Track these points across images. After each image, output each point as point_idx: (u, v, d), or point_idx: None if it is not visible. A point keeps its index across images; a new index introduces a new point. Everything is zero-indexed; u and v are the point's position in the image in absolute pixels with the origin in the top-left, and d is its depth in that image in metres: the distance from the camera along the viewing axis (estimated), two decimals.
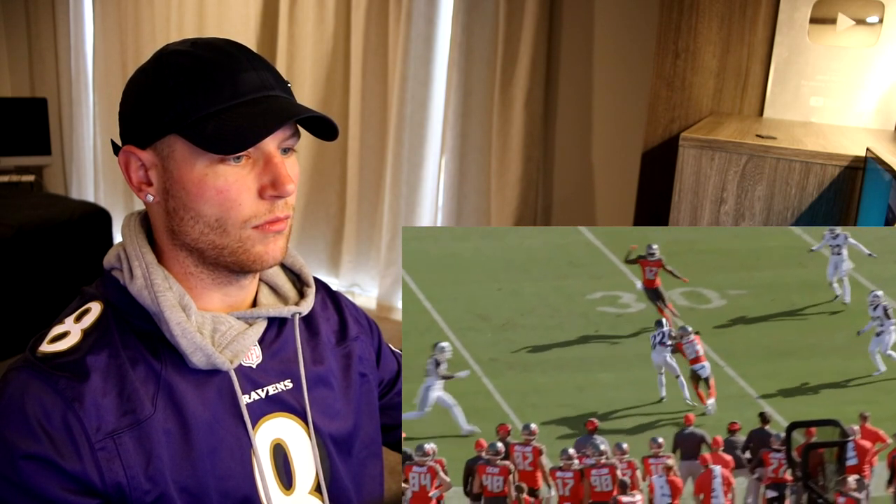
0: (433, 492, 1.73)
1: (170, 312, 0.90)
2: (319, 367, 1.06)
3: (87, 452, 0.84)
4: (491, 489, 1.80)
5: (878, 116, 2.48)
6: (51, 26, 5.18)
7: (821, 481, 1.56)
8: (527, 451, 1.84)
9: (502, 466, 1.79)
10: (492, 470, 1.80)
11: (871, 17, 2.44)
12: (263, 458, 0.96)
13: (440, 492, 1.74)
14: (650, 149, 2.76)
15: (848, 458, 1.60)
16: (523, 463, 1.84)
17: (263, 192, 0.90)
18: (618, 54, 3.42)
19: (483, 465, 1.78)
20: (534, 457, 1.85)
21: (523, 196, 3.61)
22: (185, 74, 0.88)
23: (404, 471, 1.69)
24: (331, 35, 4.07)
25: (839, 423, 1.61)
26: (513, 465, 1.80)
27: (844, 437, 1.57)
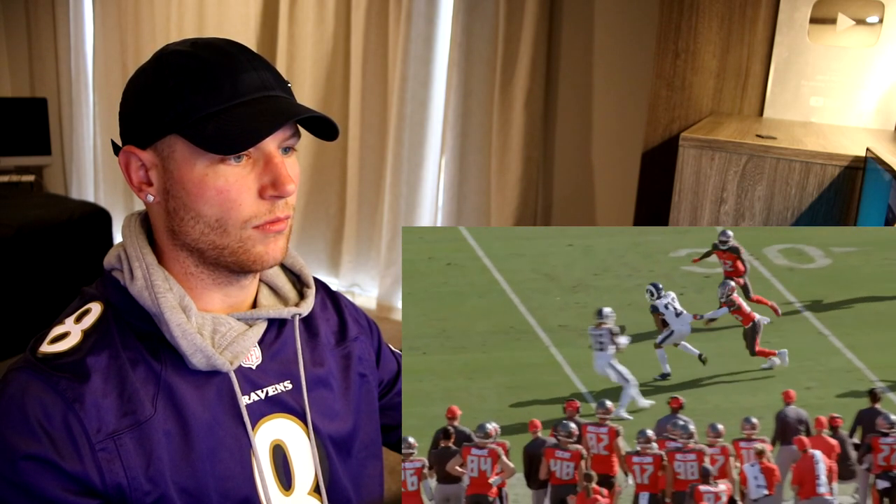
0: (493, 478, 1.55)
1: (170, 313, 0.90)
2: (319, 367, 1.06)
3: (88, 453, 0.84)
4: (560, 476, 1.58)
5: (878, 116, 2.48)
6: (51, 26, 5.18)
7: None
8: (601, 433, 1.63)
9: (574, 451, 1.58)
10: (562, 454, 1.59)
11: (871, 17, 2.44)
12: (263, 458, 0.96)
13: (502, 478, 1.56)
14: (650, 149, 2.76)
15: None
16: (597, 446, 1.63)
17: (264, 193, 0.90)
18: (618, 54, 3.42)
19: (552, 449, 1.59)
20: (609, 439, 1.63)
21: (523, 196, 3.61)
22: (185, 74, 0.88)
23: (462, 453, 1.55)
24: (331, 35, 4.07)
25: None
26: (585, 450, 1.61)
27: None
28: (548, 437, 1.63)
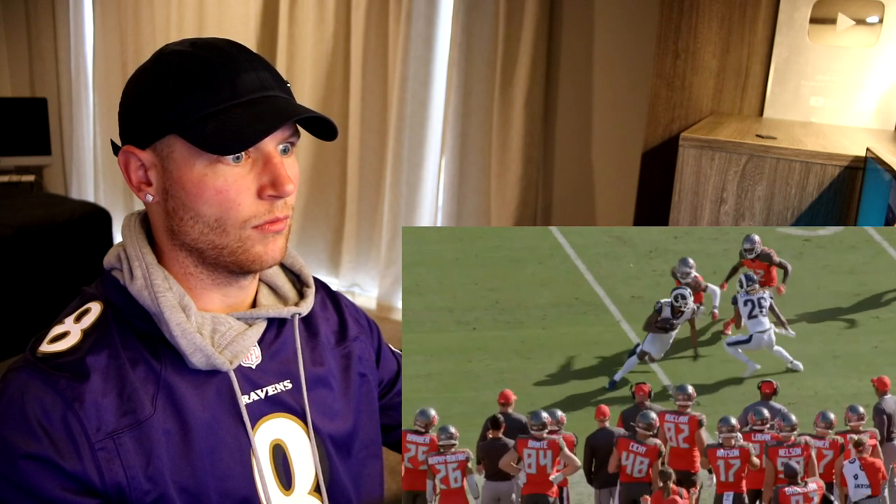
0: (554, 475, 1.35)
1: (170, 313, 0.90)
2: (319, 367, 1.06)
3: (87, 452, 0.84)
4: (632, 472, 1.37)
5: (878, 116, 2.48)
6: (51, 26, 5.18)
7: None
8: (682, 422, 1.41)
9: (651, 446, 1.37)
10: (637, 448, 1.37)
11: (871, 17, 2.44)
12: (263, 458, 0.96)
13: (564, 475, 1.36)
14: (650, 149, 2.76)
15: None
16: (676, 438, 1.42)
17: (263, 193, 0.90)
18: (618, 54, 3.42)
19: (626, 441, 1.38)
20: (690, 430, 1.42)
21: (523, 196, 3.61)
22: (184, 75, 0.88)
23: (517, 446, 1.36)
24: (331, 35, 4.07)
25: None
26: (662, 445, 1.40)
27: None
28: (615, 427, 1.44)
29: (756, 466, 1.38)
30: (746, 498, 1.39)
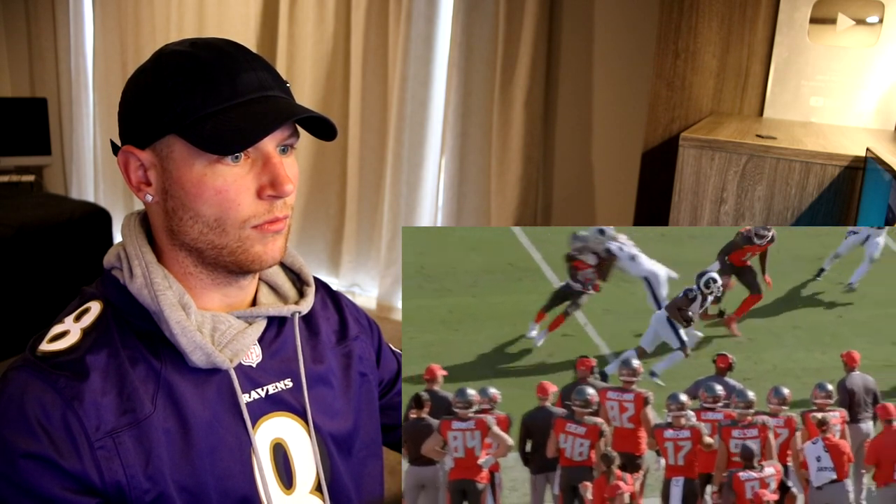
0: (484, 458, 1.23)
1: (169, 311, 0.90)
2: (319, 366, 1.06)
3: (87, 451, 0.84)
4: (571, 456, 1.25)
5: (878, 116, 2.48)
6: (51, 26, 5.17)
7: None
8: (626, 400, 1.30)
9: (591, 425, 1.24)
10: (575, 428, 1.25)
11: (871, 17, 2.44)
12: (263, 457, 0.96)
13: (494, 457, 1.25)
14: (650, 149, 2.76)
15: None
16: (620, 417, 1.30)
17: (262, 193, 0.90)
18: (618, 54, 3.42)
19: (563, 421, 1.26)
20: (636, 408, 1.29)
21: (523, 196, 3.61)
22: (183, 75, 0.88)
23: (440, 429, 1.23)
24: (331, 35, 4.07)
25: None
26: (605, 424, 1.28)
27: None
28: (554, 407, 1.32)
29: (709, 448, 1.26)
30: (698, 483, 1.28)
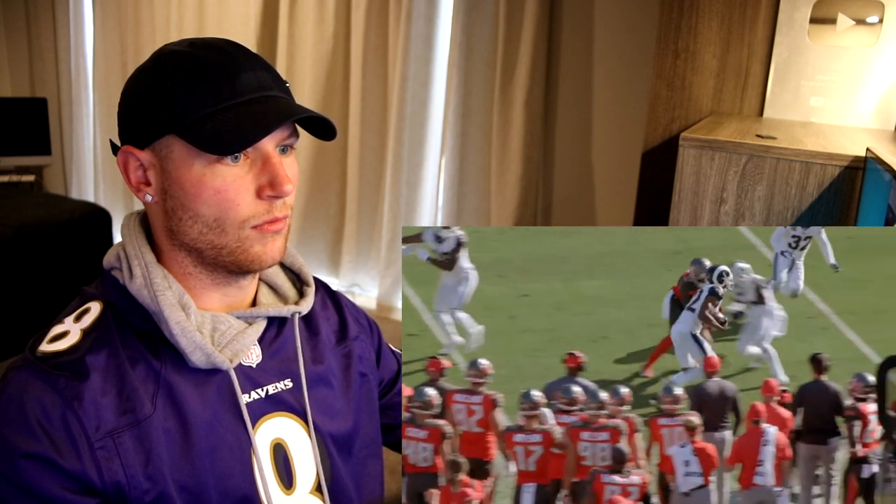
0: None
1: (169, 311, 0.90)
2: (319, 366, 1.06)
3: (87, 451, 0.84)
4: (415, 461, 1.19)
5: (878, 116, 2.48)
6: (51, 26, 5.17)
7: None
8: (474, 403, 1.25)
9: (432, 429, 1.19)
10: (416, 433, 1.20)
11: (871, 17, 2.44)
12: (263, 457, 0.96)
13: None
14: (650, 149, 2.76)
15: None
16: (468, 421, 1.24)
17: (261, 193, 0.90)
18: (618, 54, 3.42)
19: (403, 426, 1.18)
20: (484, 411, 1.25)
21: (523, 196, 3.61)
22: (183, 75, 0.87)
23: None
24: (331, 35, 4.07)
25: None
26: (450, 426, 1.23)
27: None
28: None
29: (568, 452, 1.22)
30: (551, 489, 1.23)
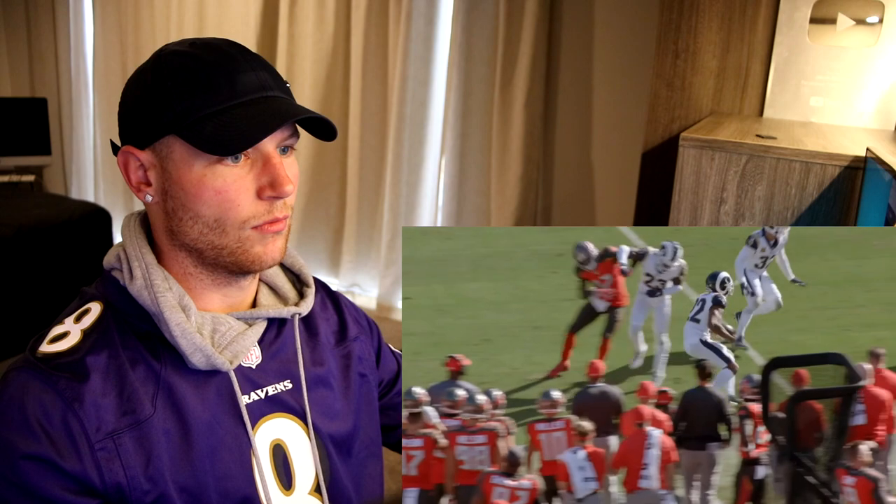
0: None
1: (169, 313, 0.90)
2: (319, 367, 1.06)
3: (87, 452, 0.84)
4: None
5: (878, 116, 2.48)
6: (51, 26, 5.18)
7: (816, 451, 1.05)
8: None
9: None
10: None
11: (871, 17, 2.44)
12: (263, 458, 0.96)
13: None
14: (650, 149, 2.76)
15: (855, 415, 1.13)
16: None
17: (262, 193, 0.90)
18: (618, 54, 3.42)
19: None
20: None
21: (523, 196, 3.61)
22: (183, 75, 0.87)
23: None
24: (331, 35, 4.07)
25: (845, 359, 1.06)
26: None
27: (853, 382, 1.04)
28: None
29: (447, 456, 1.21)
30: (434, 493, 1.22)
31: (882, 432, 1.29)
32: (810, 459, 1.03)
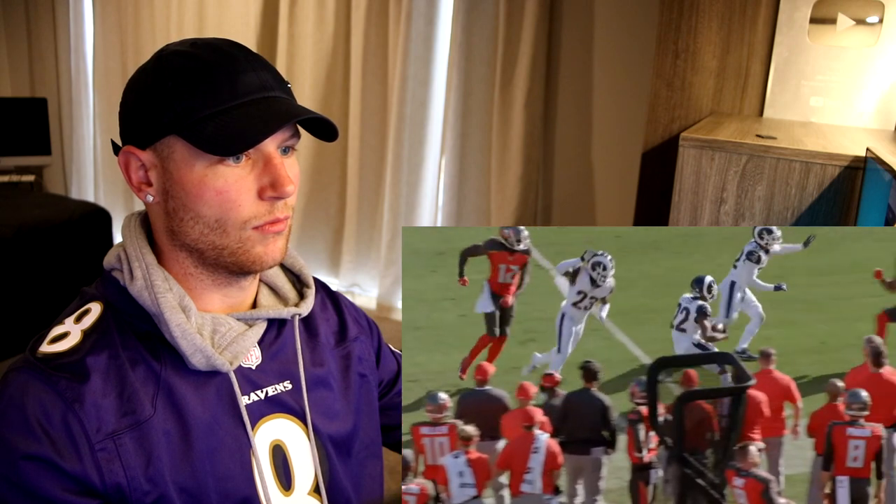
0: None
1: (170, 314, 0.90)
2: (319, 368, 1.06)
3: (87, 453, 0.84)
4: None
5: (878, 116, 2.48)
6: (51, 26, 5.18)
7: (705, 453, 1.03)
8: None
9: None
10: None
11: (871, 17, 2.44)
12: (263, 458, 0.96)
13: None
14: (650, 149, 2.76)
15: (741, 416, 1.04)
16: None
17: (263, 193, 0.90)
18: (618, 54, 3.42)
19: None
20: None
21: (523, 196, 3.61)
22: (184, 75, 0.87)
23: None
24: (331, 35, 4.07)
25: (733, 358, 1.05)
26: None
27: (741, 382, 1.02)
28: None
29: None
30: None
31: (756, 436, 1.27)
32: (699, 461, 1.01)
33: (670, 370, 1.06)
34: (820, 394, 1.44)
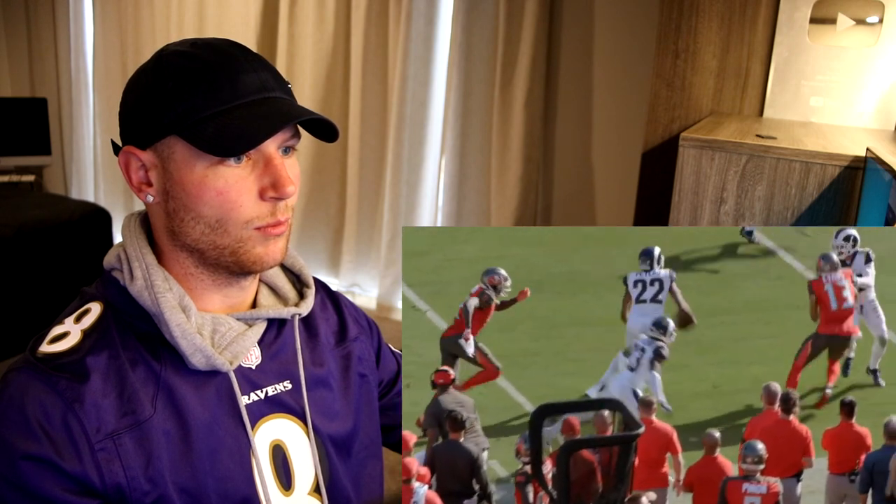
0: None
1: (170, 314, 0.90)
2: (319, 368, 1.06)
3: (87, 453, 0.84)
4: None
5: (878, 116, 2.48)
6: (51, 26, 5.18)
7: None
8: None
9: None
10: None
11: (871, 17, 2.44)
12: (263, 458, 0.96)
13: None
14: (650, 149, 2.76)
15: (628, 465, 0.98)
16: None
17: (264, 194, 0.90)
18: (618, 54, 3.42)
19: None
20: None
21: (523, 196, 3.61)
22: (184, 75, 0.87)
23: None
24: (331, 35, 4.07)
25: (622, 405, 0.99)
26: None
27: (630, 430, 0.97)
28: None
29: None
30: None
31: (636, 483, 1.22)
32: None
33: (555, 417, 0.99)
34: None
